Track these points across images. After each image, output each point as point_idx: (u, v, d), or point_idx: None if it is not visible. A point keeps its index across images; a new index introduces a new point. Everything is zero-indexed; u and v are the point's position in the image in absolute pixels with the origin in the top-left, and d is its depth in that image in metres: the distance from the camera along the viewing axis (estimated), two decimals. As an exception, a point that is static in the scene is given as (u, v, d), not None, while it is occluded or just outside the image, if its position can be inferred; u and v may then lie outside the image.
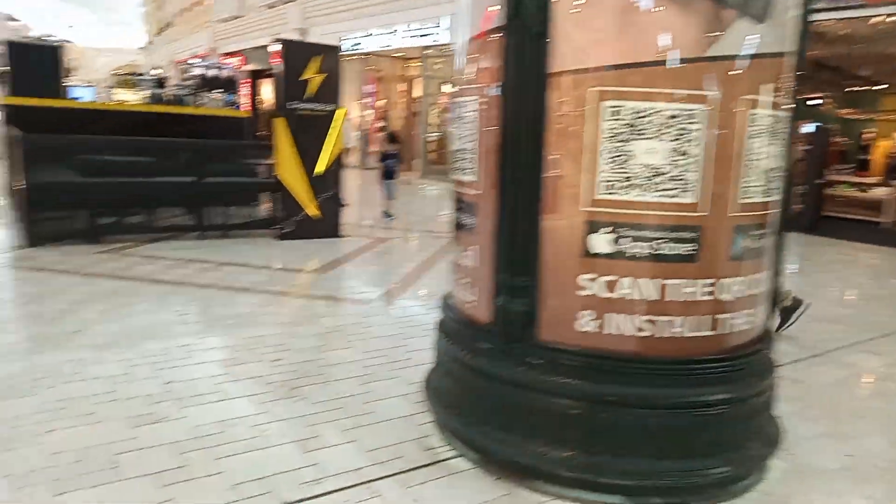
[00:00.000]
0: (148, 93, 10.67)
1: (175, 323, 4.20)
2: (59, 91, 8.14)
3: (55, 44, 8.34)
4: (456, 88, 2.89)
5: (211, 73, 12.93)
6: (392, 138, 9.75)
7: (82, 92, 10.91)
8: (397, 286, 5.46)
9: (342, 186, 7.55)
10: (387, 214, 8.91)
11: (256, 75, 20.85)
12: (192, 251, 6.32)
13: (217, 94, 10.63)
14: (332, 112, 7.28)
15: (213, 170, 7.09)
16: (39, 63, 8.13)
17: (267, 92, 23.75)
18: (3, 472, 2.36)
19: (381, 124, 17.21)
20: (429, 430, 2.85)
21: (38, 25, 40.63)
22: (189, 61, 24.72)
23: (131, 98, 11.10)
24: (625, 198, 2.37)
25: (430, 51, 16.55)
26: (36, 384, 3.11)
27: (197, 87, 11.55)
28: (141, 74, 14.68)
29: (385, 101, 19.46)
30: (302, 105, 7.06)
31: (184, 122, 8.58)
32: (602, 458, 2.46)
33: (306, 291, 5.31)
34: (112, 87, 13.64)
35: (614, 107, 2.36)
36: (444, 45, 15.33)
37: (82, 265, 5.50)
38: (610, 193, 2.38)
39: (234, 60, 20.07)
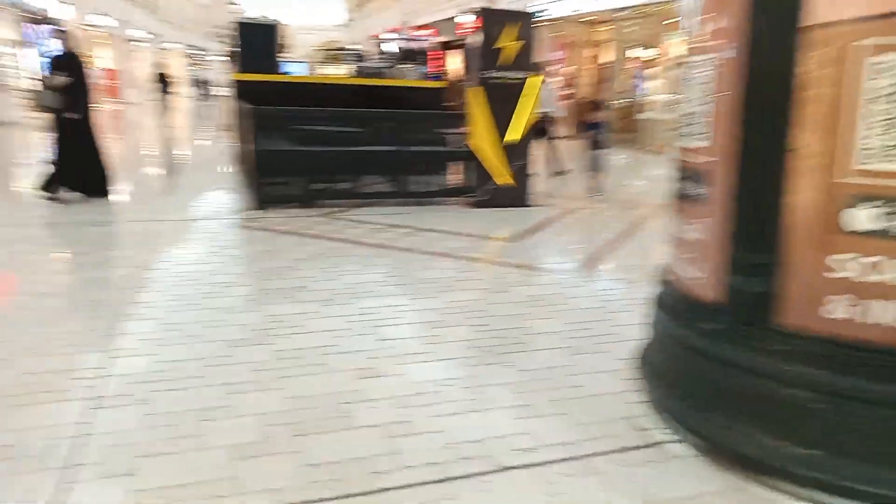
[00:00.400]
0: (351, 67, 11.30)
1: (383, 283, 4.45)
2: (275, 67, 8.88)
3: (274, 22, 9.04)
4: (687, 49, 2.69)
5: (406, 45, 13.42)
6: (597, 105, 9.23)
7: (295, 67, 11.87)
8: (594, 257, 5.32)
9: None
10: (593, 191, 8.34)
11: (445, 46, 21.33)
12: (394, 217, 6.64)
13: (411, 66, 11.00)
14: (526, 80, 7.22)
15: (414, 139, 7.37)
16: (262, 41, 8.91)
17: (454, 62, 24.30)
18: (251, 411, 2.65)
19: (568, 92, 16.81)
20: (640, 410, 2.75)
21: (251, 7, 44.80)
22: (381, 36, 25.95)
23: (336, 72, 11.84)
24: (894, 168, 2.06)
25: (624, 13, 15.79)
26: (271, 333, 3.46)
27: (395, 59, 12.05)
28: (343, 49, 15.61)
29: (573, 67, 18.97)
30: (497, 73, 7.07)
31: (385, 94, 9.01)
32: (846, 459, 2.20)
33: (503, 259, 5.36)
34: (321, 62, 14.68)
35: (881, 63, 2.05)
36: (638, 5, 14.52)
37: (301, 227, 6.02)
38: (876, 162, 2.08)
39: (426, 33, 20.65)
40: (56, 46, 6.88)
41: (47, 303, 3.89)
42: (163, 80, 18.38)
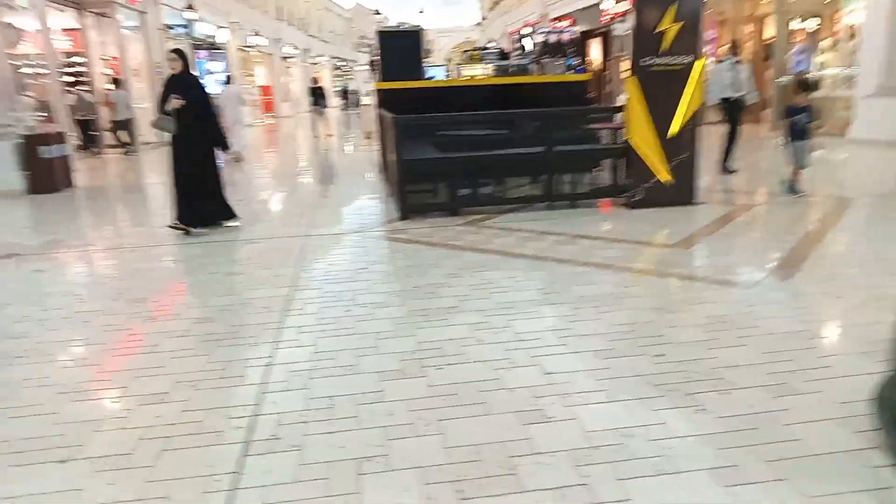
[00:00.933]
0: (492, 65, 11.01)
1: (541, 302, 4.06)
2: (420, 72, 8.78)
3: (417, 29, 8.93)
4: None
5: (551, 38, 12.90)
6: (805, 85, 7.36)
7: (435, 71, 11.79)
8: (785, 266, 4.59)
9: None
10: (792, 188, 6.98)
11: (585, 36, 20.48)
12: (544, 223, 6.23)
13: (555, 59, 10.52)
14: (690, 65, 6.50)
15: (561, 138, 6.90)
16: (404, 48, 8.85)
17: (595, 52, 23.32)
18: (408, 463, 2.36)
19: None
20: (890, 476, 2.15)
21: (394, 14, 46.05)
22: (521, 31, 25.48)
23: (479, 72, 11.60)
24: None
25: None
26: (425, 365, 3.18)
27: (539, 54, 11.61)
28: (485, 48, 15.35)
29: (728, 45, 17.38)
30: (656, 60, 6.42)
31: (528, 91, 8.61)
32: None
33: (673, 270, 4.77)
34: (461, 64, 14.55)
35: None
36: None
37: (448, 237, 5.79)
38: None
39: (565, 24, 19.96)
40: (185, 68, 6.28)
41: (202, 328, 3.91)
42: (317, 93, 19.18)
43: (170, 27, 19.47)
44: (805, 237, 5.32)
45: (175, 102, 6.04)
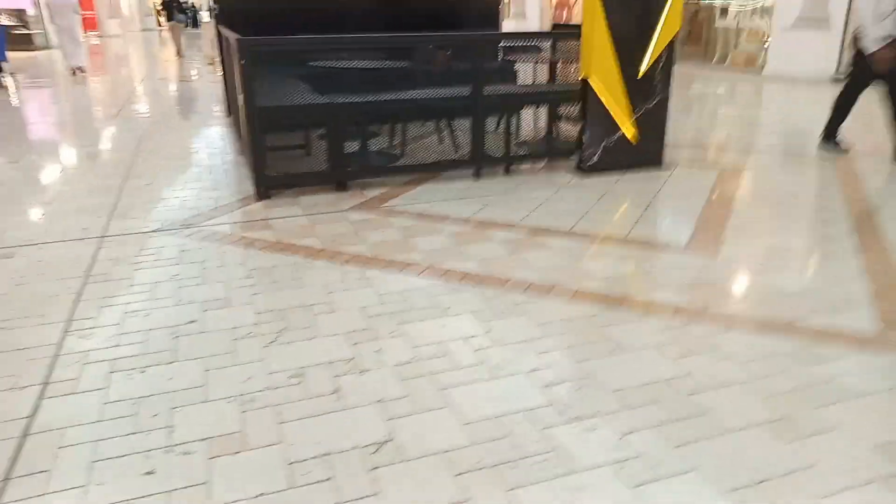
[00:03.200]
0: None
1: (534, 388, 2.12)
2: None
3: None
4: None
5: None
6: None
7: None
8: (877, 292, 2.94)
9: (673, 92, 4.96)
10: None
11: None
12: (476, 202, 4.24)
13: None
14: (669, -26, 4.64)
15: (489, 75, 4.84)
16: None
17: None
18: None
19: None
20: None
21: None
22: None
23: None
24: None
25: None
26: None
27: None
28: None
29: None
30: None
31: (421, 8, 6.38)
32: None
33: (716, 299, 2.97)
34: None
35: None
36: None
37: (337, 236, 3.64)
38: None
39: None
40: None
41: None
42: (172, 5, 16.08)
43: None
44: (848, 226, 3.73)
45: None
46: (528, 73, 6.00)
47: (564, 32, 5.92)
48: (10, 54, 12.48)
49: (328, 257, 3.35)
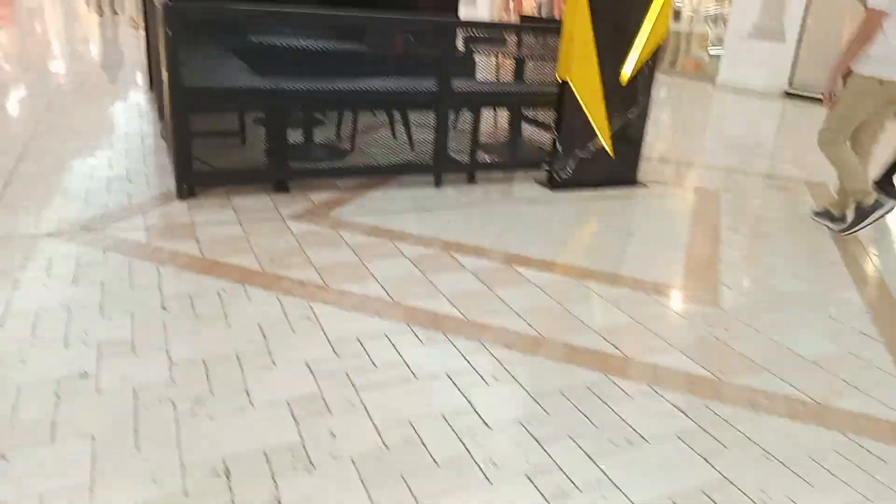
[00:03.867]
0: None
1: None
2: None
3: None
4: None
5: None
6: None
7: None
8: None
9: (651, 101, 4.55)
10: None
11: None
12: (438, 217, 3.70)
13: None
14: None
15: (454, 67, 4.28)
16: None
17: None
18: None
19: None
20: None
21: None
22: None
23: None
24: None
25: None
26: None
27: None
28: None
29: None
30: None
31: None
32: None
33: (745, 371, 2.55)
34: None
35: None
36: None
37: (277, 253, 3.02)
38: None
39: None
40: None
41: None
42: None
43: None
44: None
45: None
46: (491, 68, 5.46)
47: (542, 26, 5.42)
48: None
49: (266, 283, 2.74)
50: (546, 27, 5.01)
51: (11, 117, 5.40)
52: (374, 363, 2.21)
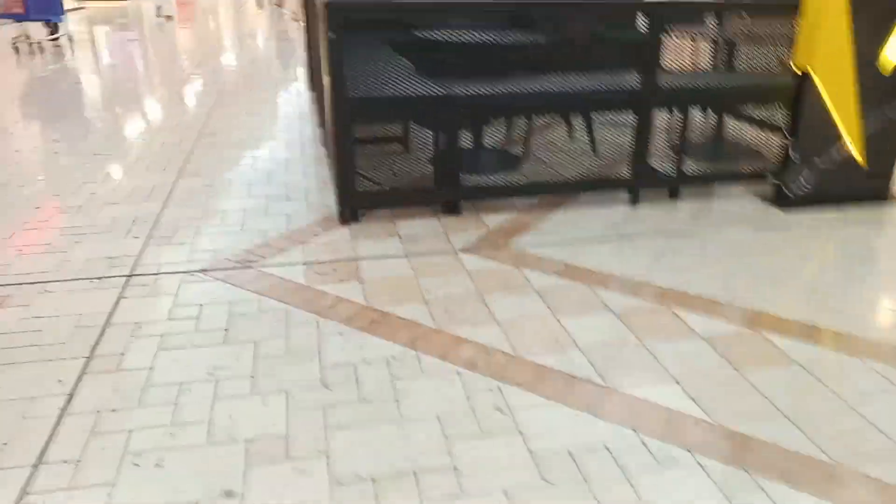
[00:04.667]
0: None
1: None
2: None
3: None
4: None
5: None
6: None
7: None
8: None
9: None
10: None
11: None
12: (644, 248, 2.98)
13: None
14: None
15: (662, 62, 3.49)
16: None
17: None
18: None
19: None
20: None
21: None
22: None
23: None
24: None
25: None
26: None
27: None
28: None
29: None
30: None
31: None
32: None
33: None
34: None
35: None
36: None
37: (452, 302, 2.47)
38: None
39: None
40: None
41: None
42: None
43: None
44: None
45: None
46: (692, 56, 4.57)
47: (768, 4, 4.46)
48: (99, 4, 11.88)
49: (442, 349, 2.19)
50: (775, 4, 4.04)
51: (171, 128, 5.35)
52: (597, 499, 1.58)
